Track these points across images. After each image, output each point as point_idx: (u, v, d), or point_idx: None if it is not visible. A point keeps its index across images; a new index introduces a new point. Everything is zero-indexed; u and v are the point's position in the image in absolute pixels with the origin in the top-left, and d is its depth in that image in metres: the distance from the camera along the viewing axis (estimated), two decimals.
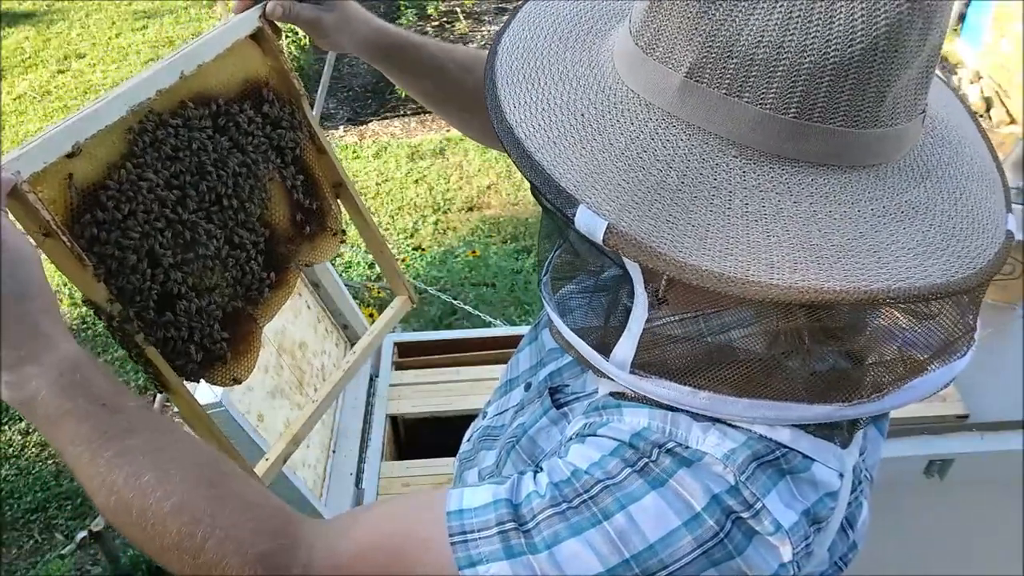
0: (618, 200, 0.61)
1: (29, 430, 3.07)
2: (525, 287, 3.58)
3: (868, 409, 0.66)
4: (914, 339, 0.66)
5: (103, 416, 0.69)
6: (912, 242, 0.60)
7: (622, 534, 0.63)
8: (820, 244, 0.59)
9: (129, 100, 0.87)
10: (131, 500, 0.67)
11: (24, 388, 0.68)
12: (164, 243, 0.88)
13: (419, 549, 0.68)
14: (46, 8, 6.44)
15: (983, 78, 4.91)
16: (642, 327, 0.67)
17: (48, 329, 0.69)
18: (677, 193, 0.61)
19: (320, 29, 0.99)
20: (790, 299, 0.58)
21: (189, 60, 0.93)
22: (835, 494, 0.69)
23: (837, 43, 0.56)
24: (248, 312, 0.99)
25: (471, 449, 0.97)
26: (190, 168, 0.91)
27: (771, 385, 0.65)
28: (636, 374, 0.68)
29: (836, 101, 0.58)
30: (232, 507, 0.69)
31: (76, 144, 0.82)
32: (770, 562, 0.65)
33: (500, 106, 0.68)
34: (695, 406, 0.66)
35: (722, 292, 0.58)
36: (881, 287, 0.58)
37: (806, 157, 0.61)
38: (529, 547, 0.65)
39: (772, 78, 0.58)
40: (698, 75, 0.60)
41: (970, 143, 0.71)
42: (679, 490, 0.64)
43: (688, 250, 0.59)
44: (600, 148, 0.63)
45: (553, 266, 0.82)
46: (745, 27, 0.57)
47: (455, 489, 0.70)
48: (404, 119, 4.96)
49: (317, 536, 0.70)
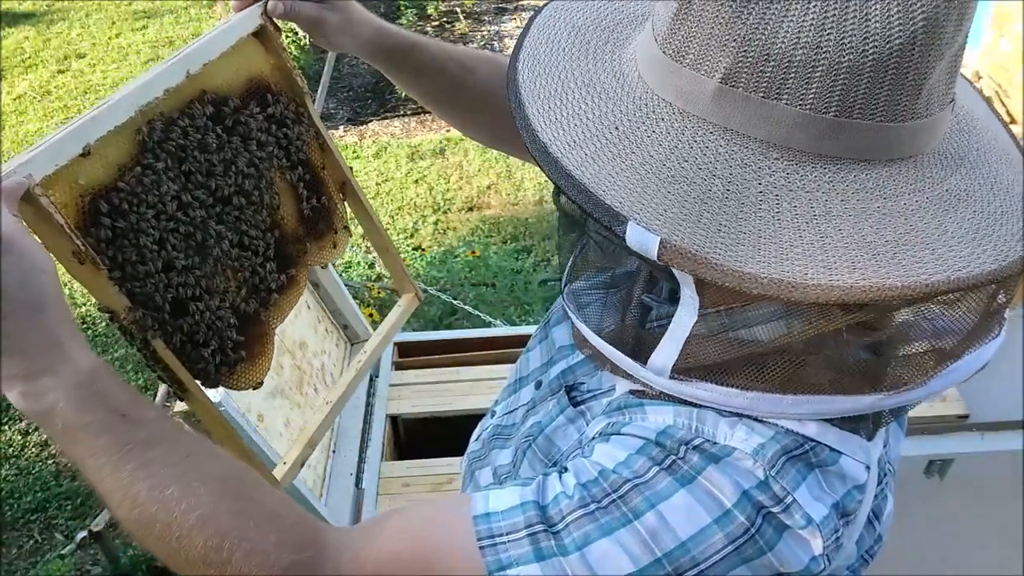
0: (666, 213, 0.60)
1: (29, 430, 3.07)
2: (525, 287, 3.58)
3: (913, 396, 0.66)
4: (952, 324, 0.66)
5: (123, 427, 0.68)
6: (960, 230, 0.60)
7: (653, 533, 0.63)
8: (874, 241, 0.59)
9: (137, 100, 0.86)
10: (155, 513, 0.67)
11: (41, 400, 0.67)
12: (176, 245, 0.87)
13: (447, 554, 0.68)
14: (46, 8, 6.44)
15: (983, 78, 4.91)
16: (688, 332, 0.66)
17: (65, 340, 0.68)
18: (724, 201, 0.60)
19: (322, 28, 0.99)
20: (853, 299, 0.57)
21: (194, 59, 0.92)
22: (862, 487, 0.69)
23: (875, 39, 0.56)
24: (260, 314, 0.98)
25: (481, 448, 0.96)
26: (199, 168, 0.91)
27: (814, 379, 0.65)
28: (676, 379, 0.67)
29: (875, 97, 0.58)
30: (257, 519, 0.68)
31: (87, 146, 0.80)
32: (801, 556, 0.65)
33: (530, 124, 0.66)
34: (738, 406, 0.66)
35: (781, 297, 0.58)
36: (941, 279, 0.58)
37: (847, 154, 0.60)
38: (559, 549, 0.64)
39: (811, 79, 0.58)
40: (734, 80, 0.60)
41: (992, 128, 0.71)
42: (709, 487, 0.64)
43: (744, 258, 0.59)
44: (640, 161, 0.62)
45: (576, 276, 0.82)
46: (780, 29, 0.57)
47: (479, 492, 0.70)
48: (404, 119, 4.96)
49: (343, 545, 0.70)
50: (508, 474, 0.86)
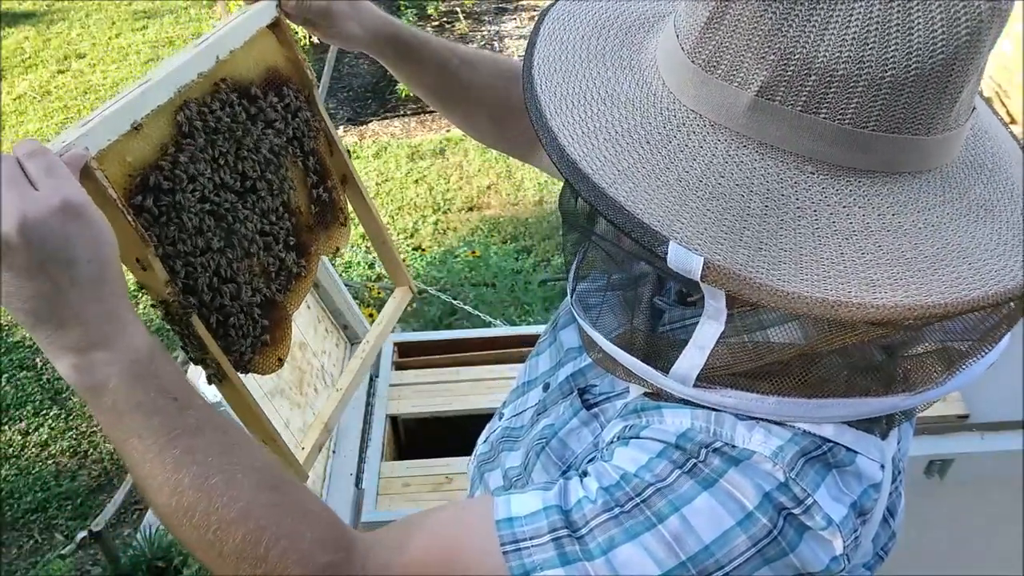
0: (707, 232, 0.59)
1: (29, 430, 3.07)
2: (525, 287, 3.58)
3: (932, 395, 0.66)
4: (969, 326, 0.66)
5: (173, 411, 0.66)
6: (991, 242, 0.60)
7: (677, 536, 0.63)
8: (913, 257, 0.58)
9: (177, 80, 0.87)
10: (196, 502, 0.65)
11: (94, 374, 0.65)
12: (211, 227, 0.88)
13: (471, 560, 0.68)
14: (46, 8, 6.44)
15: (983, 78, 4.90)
16: (714, 341, 0.66)
17: (123, 315, 0.66)
18: (763, 218, 0.59)
19: (331, 18, 0.99)
20: (897, 318, 0.57)
21: (223, 45, 0.93)
22: (878, 485, 0.69)
23: (919, 54, 0.55)
24: (280, 299, 0.99)
25: (490, 451, 0.96)
26: (231, 152, 0.92)
27: (838, 382, 0.65)
28: (699, 387, 0.67)
29: (914, 111, 0.57)
30: (295, 515, 0.68)
31: (135, 122, 0.81)
32: (822, 557, 0.65)
33: (556, 138, 0.64)
34: (763, 411, 0.66)
35: (825, 317, 0.57)
36: (981, 295, 0.57)
37: (880, 168, 0.60)
38: (584, 553, 0.64)
39: (852, 93, 0.56)
40: (770, 93, 0.58)
41: (995, 130, 0.71)
42: (730, 490, 0.64)
43: (786, 277, 0.58)
44: (676, 178, 0.61)
45: (585, 276, 0.81)
46: (822, 43, 0.55)
47: (500, 497, 0.70)
48: (404, 119, 4.96)
49: (370, 549, 0.70)
50: (519, 476, 0.86)
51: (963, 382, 0.67)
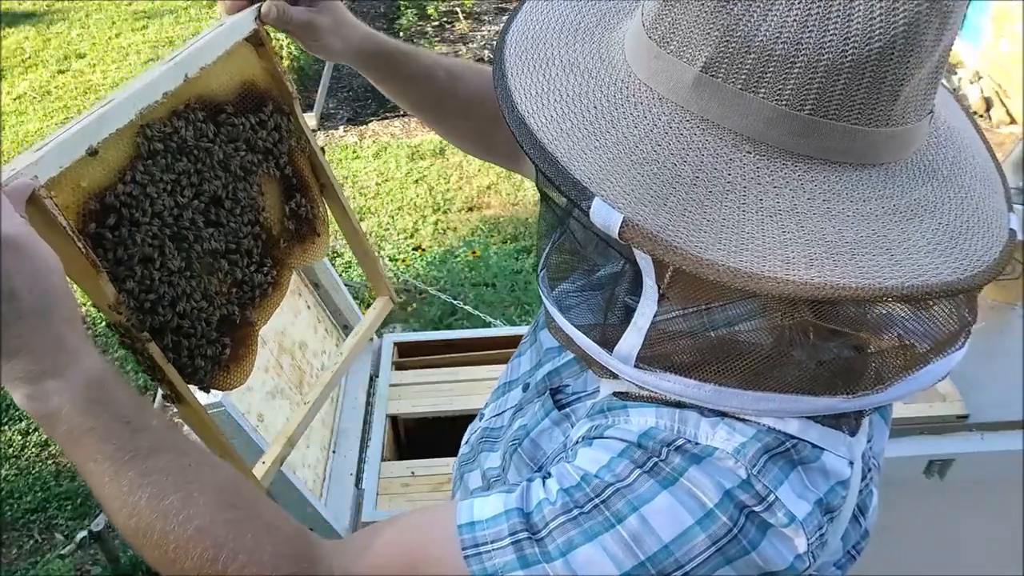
0: (633, 193, 0.61)
1: (29, 430, 3.07)
2: (525, 287, 3.58)
3: (871, 401, 0.67)
4: (915, 332, 0.67)
5: (126, 435, 0.67)
6: (923, 240, 0.61)
7: (636, 536, 0.64)
8: (834, 241, 0.59)
9: (138, 103, 0.86)
10: (153, 522, 0.66)
11: (46, 402, 0.66)
12: (170, 247, 0.88)
13: (434, 565, 0.69)
14: (46, 8, 6.44)
15: (983, 78, 4.91)
16: (650, 321, 0.67)
17: (72, 342, 0.67)
18: (692, 188, 0.60)
19: (313, 32, 0.99)
20: (805, 295, 0.58)
21: (192, 62, 0.92)
22: (846, 482, 0.69)
23: (855, 40, 0.56)
24: (246, 315, 0.99)
25: (470, 452, 0.96)
26: (193, 171, 0.91)
27: (775, 377, 0.66)
28: (640, 368, 0.68)
29: (851, 99, 0.58)
30: (254, 531, 0.68)
31: (90, 147, 0.80)
32: (785, 555, 0.65)
33: (511, 96, 0.67)
34: (700, 399, 0.66)
35: (736, 287, 0.58)
36: (895, 284, 0.58)
37: (819, 154, 0.61)
38: (543, 555, 0.65)
39: (789, 74, 0.58)
40: (714, 70, 0.60)
41: (970, 143, 0.71)
42: (691, 488, 0.64)
43: (704, 245, 0.59)
44: (614, 141, 0.63)
45: (552, 261, 0.82)
46: (764, 23, 0.57)
47: (465, 501, 0.70)
48: (404, 119, 4.96)
49: (335, 558, 0.71)
50: (497, 477, 0.87)
51: (905, 392, 0.67)
